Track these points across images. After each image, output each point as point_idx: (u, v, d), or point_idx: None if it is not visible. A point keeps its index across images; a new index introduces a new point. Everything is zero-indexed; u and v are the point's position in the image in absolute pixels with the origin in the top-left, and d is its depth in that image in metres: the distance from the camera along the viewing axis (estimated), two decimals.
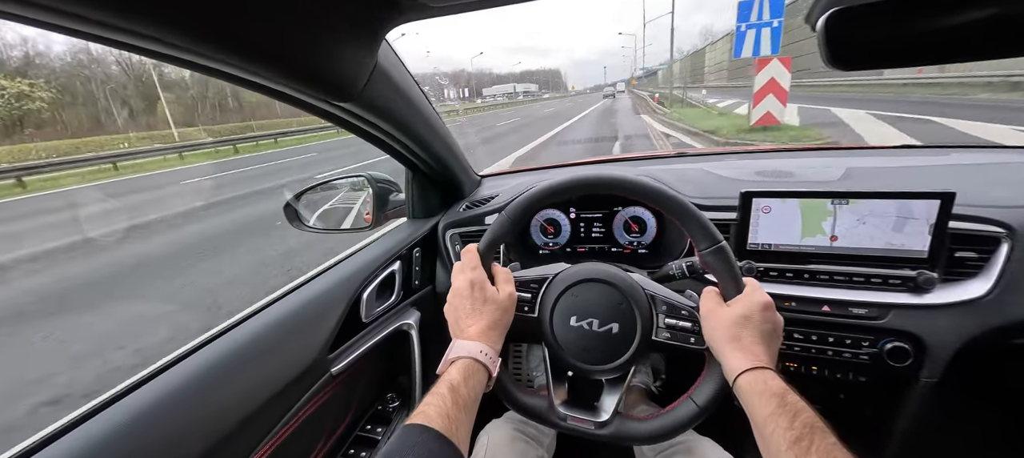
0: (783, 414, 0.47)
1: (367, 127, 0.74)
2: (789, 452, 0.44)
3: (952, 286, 0.79)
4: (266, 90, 0.50)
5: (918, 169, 1.10)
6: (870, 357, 0.83)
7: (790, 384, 0.50)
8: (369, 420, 0.97)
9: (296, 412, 0.69)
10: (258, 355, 0.65)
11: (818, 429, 0.45)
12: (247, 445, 0.61)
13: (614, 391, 0.67)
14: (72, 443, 0.47)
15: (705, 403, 0.60)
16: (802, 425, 0.45)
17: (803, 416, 0.46)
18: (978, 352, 0.78)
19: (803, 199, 0.82)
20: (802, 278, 0.86)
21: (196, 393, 0.57)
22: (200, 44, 0.37)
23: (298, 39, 0.43)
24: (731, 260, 0.61)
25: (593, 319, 0.65)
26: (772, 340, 0.57)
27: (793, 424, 0.45)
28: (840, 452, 0.42)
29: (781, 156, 1.33)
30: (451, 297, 0.66)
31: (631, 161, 1.48)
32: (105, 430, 0.49)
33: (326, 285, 0.82)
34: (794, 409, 0.47)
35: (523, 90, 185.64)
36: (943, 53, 0.48)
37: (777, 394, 0.49)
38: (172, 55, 0.39)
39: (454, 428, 0.48)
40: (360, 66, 0.53)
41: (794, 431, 0.45)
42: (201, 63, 0.42)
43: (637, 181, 0.66)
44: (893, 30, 0.46)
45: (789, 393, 0.49)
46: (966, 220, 0.79)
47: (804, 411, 0.47)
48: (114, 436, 0.49)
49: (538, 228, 1.13)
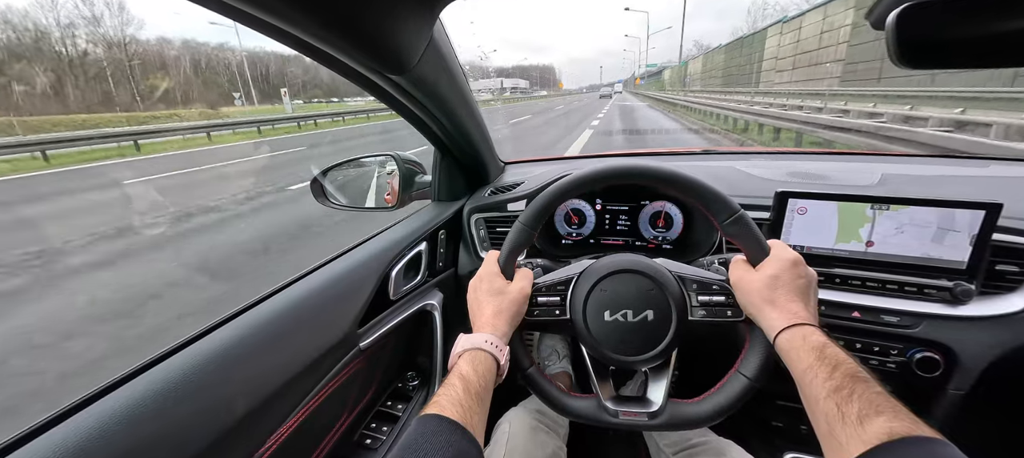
0: (822, 365, 0.46)
1: (409, 104, 0.74)
2: (829, 400, 0.43)
3: (989, 299, 0.78)
4: (323, 56, 0.50)
5: (958, 179, 1.07)
6: (897, 365, 0.82)
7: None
8: (390, 396, 0.98)
9: (326, 383, 0.70)
10: (293, 325, 0.66)
11: (860, 379, 0.43)
12: (281, 412, 0.62)
13: (660, 379, 0.66)
14: (102, 411, 0.47)
15: (754, 373, 0.59)
16: (843, 375, 0.44)
17: (844, 367, 0.45)
18: (1011, 368, 0.77)
19: (841, 202, 0.81)
20: (833, 282, 0.85)
21: (234, 360, 0.58)
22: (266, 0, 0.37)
23: (360, 6, 0.42)
24: (752, 226, 0.60)
25: (627, 310, 0.64)
26: (808, 295, 0.56)
27: (833, 374, 0.44)
28: (886, 401, 0.41)
29: (812, 158, 1.30)
30: (468, 297, 0.68)
31: (658, 156, 1.47)
32: (141, 395, 0.50)
33: (357, 260, 0.83)
34: (834, 360, 0.46)
35: (511, 86, 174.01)
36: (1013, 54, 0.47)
37: (816, 347, 0.48)
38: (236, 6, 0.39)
39: (468, 417, 0.49)
40: (416, 40, 0.53)
41: (833, 381, 0.44)
42: (264, 19, 0.42)
43: (650, 167, 0.65)
44: (959, 29, 0.45)
45: (829, 346, 0.48)
46: (1010, 233, 0.77)
47: (845, 362, 0.46)
48: (150, 400, 0.49)
49: (563, 217, 1.13)
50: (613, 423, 0.65)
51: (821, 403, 0.44)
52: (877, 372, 0.83)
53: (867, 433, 0.38)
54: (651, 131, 13.65)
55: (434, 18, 0.53)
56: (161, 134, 15.77)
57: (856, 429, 0.39)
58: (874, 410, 0.40)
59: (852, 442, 0.39)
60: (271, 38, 0.46)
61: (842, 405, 0.42)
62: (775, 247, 0.60)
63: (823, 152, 1.37)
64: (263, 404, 0.58)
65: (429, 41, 0.57)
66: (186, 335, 0.58)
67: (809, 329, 0.51)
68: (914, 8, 0.45)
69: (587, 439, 1.12)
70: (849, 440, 0.39)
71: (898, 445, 0.36)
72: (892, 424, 0.38)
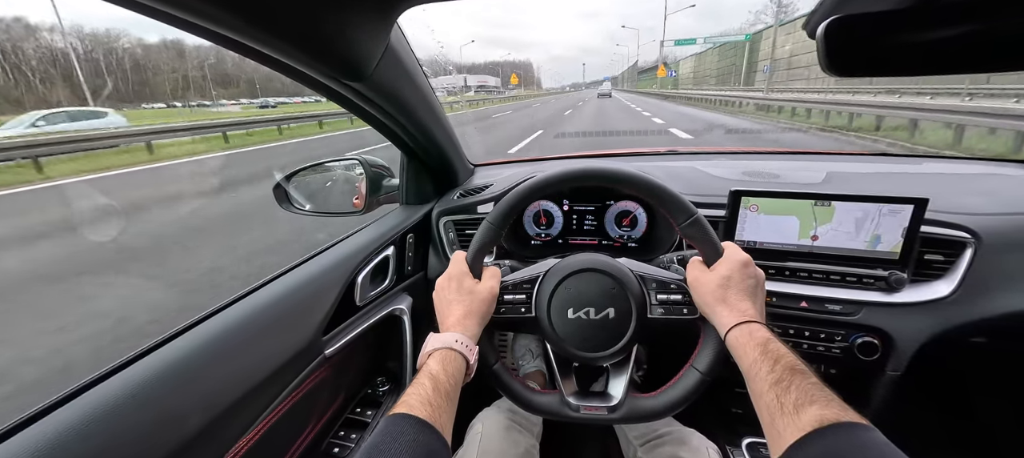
0: (765, 359, 0.49)
1: (372, 109, 0.73)
2: (770, 392, 0.46)
3: (920, 286, 0.85)
4: (278, 65, 0.49)
5: (893, 175, 1.16)
6: (841, 351, 0.88)
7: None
8: (359, 403, 0.97)
9: (289, 393, 0.69)
10: (255, 334, 0.65)
11: (798, 371, 0.47)
12: (241, 424, 0.60)
13: (620, 374, 0.69)
14: (58, 421, 0.46)
15: (706, 368, 0.62)
16: (783, 368, 0.47)
17: (784, 360, 0.48)
18: (939, 349, 0.84)
19: (788, 199, 0.86)
20: (783, 275, 0.91)
21: (192, 370, 0.56)
22: (217, 10, 0.37)
23: (315, 15, 0.42)
24: (707, 228, 0.63)
25: (589, 308, 0.66)
26: (756, 294, 0.60)
27: (774, 368, 0.48)
28: (819, 390, 0.44)
29: (767, 158, 1.38)
30: (435, 297, 0.68)
31: (624, 156, 1.51)
32: (96, 406, 0.48)
33: (322, 266, 0.82)
34: (776, 355, 0.49)
35: (477, 84, 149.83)
36: (932, 64, 0.51)
37: (761, 343, 0.52)
38: (187, 19, 0.38)
39: (436, 415, 0.49)
40: (373, 46, 0.53)
41: (775, 374, 0.47)
42: (215, 30, 0.41)
43: (613, 170, 0.68)
44: (884, 40, 0.49)
45: (772, 341, 0.52)
46: (936, 225, 0.84)
47: (785, 356, 0.49)
48: (104, 413, 0.48)
49: (531, 219, 1.14)
50: (574, 418, 0.67)
51: (764, 396, 0.47)
52: (824, 357, 0.90)
53: (801, 421, 0.42)
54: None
55: (390, 24, 0.53)
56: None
57: (792, 418, 0.43)
58: (808, 400, 0.43)
59: (788, 430, 0.42)
60: (223, 46, 0.45)
61: (781, 396, 0.45)
62: (728, 249, 0.63)
63: (776, 151, 1.45)
64: (219, 418, 0.56)
65: (386, 47, 0.57)
66: (136, 349, 0.56)
67: (755, 326, 0.55)
68: (842, 20, 0.48)
69: (561, 436, 1.14)
70: (786, 428, 0.43)
71: (828, 431, 0.40)
72: (823, 412, 0.41)
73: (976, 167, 1.22)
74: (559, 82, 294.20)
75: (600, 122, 15.88)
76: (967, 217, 0.84)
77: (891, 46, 0.49)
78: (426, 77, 0.80)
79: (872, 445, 0.38)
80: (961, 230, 0.83)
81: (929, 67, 0.51)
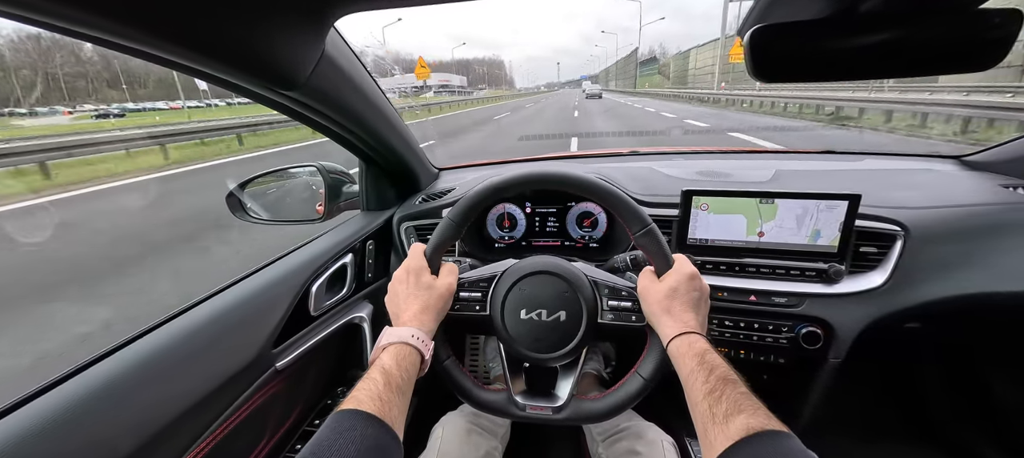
0: (701, 370, 0.52)
1: (316, 117, 0.72)
2: (704, 402, 0.49)
3: (856, 277, 0.90)
4: (209, 77, 0.47)
5: (835, 172, 1.23)
6: (788, 341, 0.92)
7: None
8: (318, 415, 0.94)
9: (236, 408, 0.67)
10: (194, 350, 0.62)
11: (730, 382, 0.49)
12: (181, 442, 0.58)
13: (568, 376, 0.70)
14: None
15: (650, 374, 0.64)
16: (716, 379, 0.50)
17: (718, 371, 0.51)
18: (876, 335, 0.90)
19: (735, 198, 0.89)
20: (734, 271, 0.94)
21: (125, 390, 0.53)
22: (134, 28, 0.35)
23: (239, 26, 0.41)
24: (660, 239, 0.65)
25: (541, 310, 0.67)
26: (700, 306, 0.62)
27: (709, 378, 0.50)
28: (747, 400, 0.47)
29: (720, 157, 1.43)
30: (390, 289, 0.67)
31: (586, 158, 1.53)
32: (21, 428, 0.45)
33: (272, 277, 0.79)
34: (711, 366, 0.52)
35: (438, 85, 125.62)
36: (851, 69, 0.54)
37: (698, 353, 0.54)
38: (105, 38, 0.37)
39: (386, 409, 0.48)
40: (305, 55, 0.52)
41: (709, 384, 0.50)
42: (135, 48, 0.39)
43: (574, 176, 0.69)
44: (806, 47, 0.52)
45: (709, 352, 0.54)
46: (869, 219, 0.89)
47: (719, 367, 0.52)
48: (30, 435, 0.45)
49: (494, 221, 1.15)
50: (520, 416, 0.68)
51: (698, 405, 0.50)
52: (772, 348, 0.94)
53: (730, 430, 0.44)
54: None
55: (324, 32, 0.52)
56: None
57: (722, 427, 0.45)
58: (737, 409, 0.46)
59: (719, 439, 0.44)
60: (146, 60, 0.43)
61: (713, 406, 0.47)
62: (678, 260, 0.65)
63: (730, 151, 1.50)
64: (156, 437, 0.54)
65: (321, 54, 0.56)
66: (59, 372, 0.53)
67: (695, 337, 0.57)
68: (767, 27, 0.51)
69: (530, 438, 1.14)
70: (716, 437, 0.45)
71: (753, 439, 0.42)
72: (750, 421, 0.44)
73: (910, 163, 1.31)
74: (533, 81, 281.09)
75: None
76: (897, 211, 0.90)
77: (814, 53, 0.51)
78: (375, 81, 0.79)
79: (791, 451, 0.40)
80: (891, 224, 0.89)
81: (850, 73, 0.54)
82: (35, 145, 7.12)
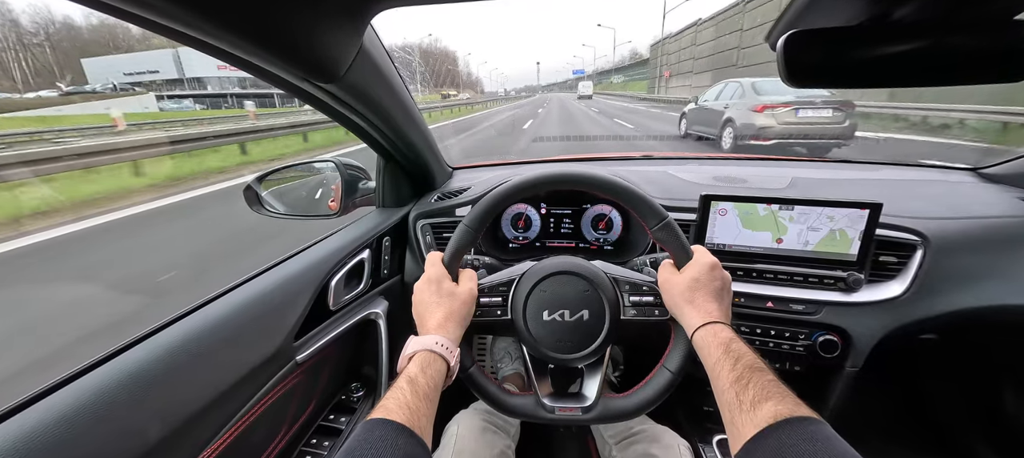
0: (727, 359, 0.51)
1: (346, 111, 0.72)
2: (730, 390, 0.48)
3: (875, 286, 0.90)
4: (247, 65, 0.48)
5: (853, 181, 1.22)
6: (805, 348, 0.92)
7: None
8: (333, 409, 0.95)
9: (259, 400, 0.67)
10: (223, 339, 0.63)
11: (757, 369, 0.49)
12: (207, 432, 0.58)
13: (594, 375, 0.70)
14: (22, 423, 0.44)
15: (677, 367, 0.64)
16: (743, 367, 0.49)
17: (744, 359, 0.50)
18: (893, 345, 0.89)
19: (755, 204, 0.89)
20: (751, 276, 0.94)
21: (156, 376, 0.54)
22: (182, 12, 0.36)
23: (284, 15, 0.41)
24: (678, 232, 0.65)
25: (564, 310, 0.67)
26: (723, 295, 0.62)
27: (735, 366, 0.50)
28: (775, 387, 0.46)
29: (735, 164, 1.43)
30: (414, 299, 0.67)
31: (600, 161, 1.53)
32: (47, 418, 0.45)
33: (294, 270, 0.80)
34: (737, 354, 0.51)
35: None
36: (883, 77, 0.54)
37: (723, 342, 0.54)
38: (151, 19, 0.37)
39: (415, 419, 0.49)
40: (345, 48, 0.52)
41: (735, 372, 0.49)
42: (182, 31, 0.40)
43: (590, 174, 0.69)
44: (838, 54, 0.52)
45: (735, 341, 0.54)
46: (888, 228, 0.89)
47: (746, 355, 0.51)
48: (65, 419, 0.45)
49: (509, 222, 1.15)
50: (549, 419, 0.67)
51: (725, 393, 0.49)
52: (788, 355, 0.94)
53: (757, 417, 0.44)
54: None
55: (363, 27, 0.53)
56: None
57: (750, 414, 0.44)
58: (764, 396, 0.45)
59: (746, 426, 0.44)
60: (191, 47, 0.44)
61: (740, 394, 0.47)
62: (697, 252, 0.65)
63: (745, 157, 1.50)
64: (182, 427, 0.54)
65: (359, 48, 0.56)
66: (91, 358, 0.53)
67: (719, 326, 0.57)
68: (800, 34, 0.51)
69: (539, 437, 1.14)
70: (744, 425, 0.44)
71: (782, 425, 0.42)
72: (778, 407, 0.43)
73: (926, 174, 1.30)
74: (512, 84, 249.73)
75: None
76: (916, 221, 0.90)
77: (845, 60, 0.51)
78: (402, 79, 0.80)
79: (821, 437, 0.40)
80: (911, 233, 0.89)
81: (882, 80, 0.54)
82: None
